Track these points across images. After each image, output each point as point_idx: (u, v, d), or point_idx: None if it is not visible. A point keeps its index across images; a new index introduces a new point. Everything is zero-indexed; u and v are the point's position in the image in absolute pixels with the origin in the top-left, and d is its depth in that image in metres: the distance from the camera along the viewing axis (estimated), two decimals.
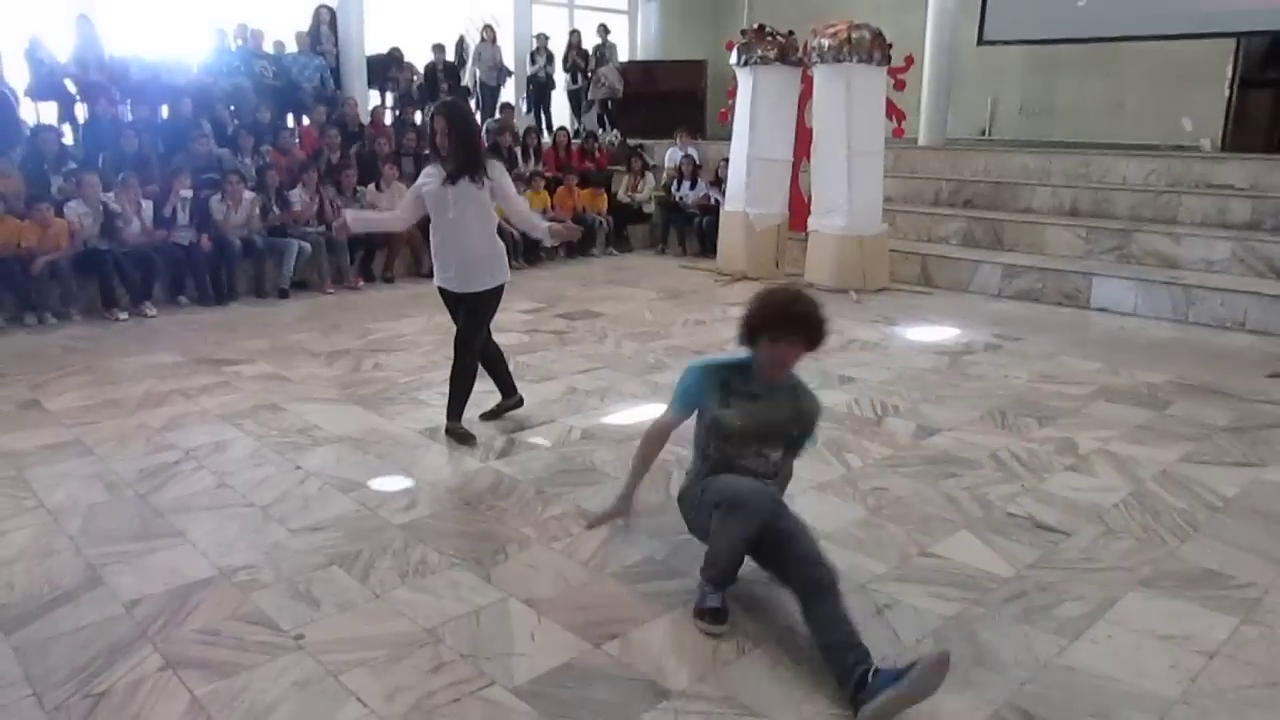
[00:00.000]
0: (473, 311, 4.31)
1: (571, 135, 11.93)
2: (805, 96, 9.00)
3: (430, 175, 4.22)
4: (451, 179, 4.11)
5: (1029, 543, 3.35)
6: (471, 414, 4.49)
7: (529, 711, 2.38)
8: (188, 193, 7.60)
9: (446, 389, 4.46)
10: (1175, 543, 3.35)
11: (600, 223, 10.39)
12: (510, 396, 4.68)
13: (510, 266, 4.50)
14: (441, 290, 4.40)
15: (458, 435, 4.34)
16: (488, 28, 12.41)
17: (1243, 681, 2.52)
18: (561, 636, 2.71)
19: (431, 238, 4.31)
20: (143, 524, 3.47)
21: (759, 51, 8.75)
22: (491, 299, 4.34)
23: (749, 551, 2.76)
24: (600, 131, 12.79)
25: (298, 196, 8.24)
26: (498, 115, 11.50)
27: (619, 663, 2.60)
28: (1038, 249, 8.61)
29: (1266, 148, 10.12)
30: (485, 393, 4.62)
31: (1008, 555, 3.25)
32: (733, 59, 9.00)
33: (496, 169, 4.25)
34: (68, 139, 8.42)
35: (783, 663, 2.60)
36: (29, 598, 2.92)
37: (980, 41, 11.21)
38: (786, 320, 2.76)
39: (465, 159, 4.10)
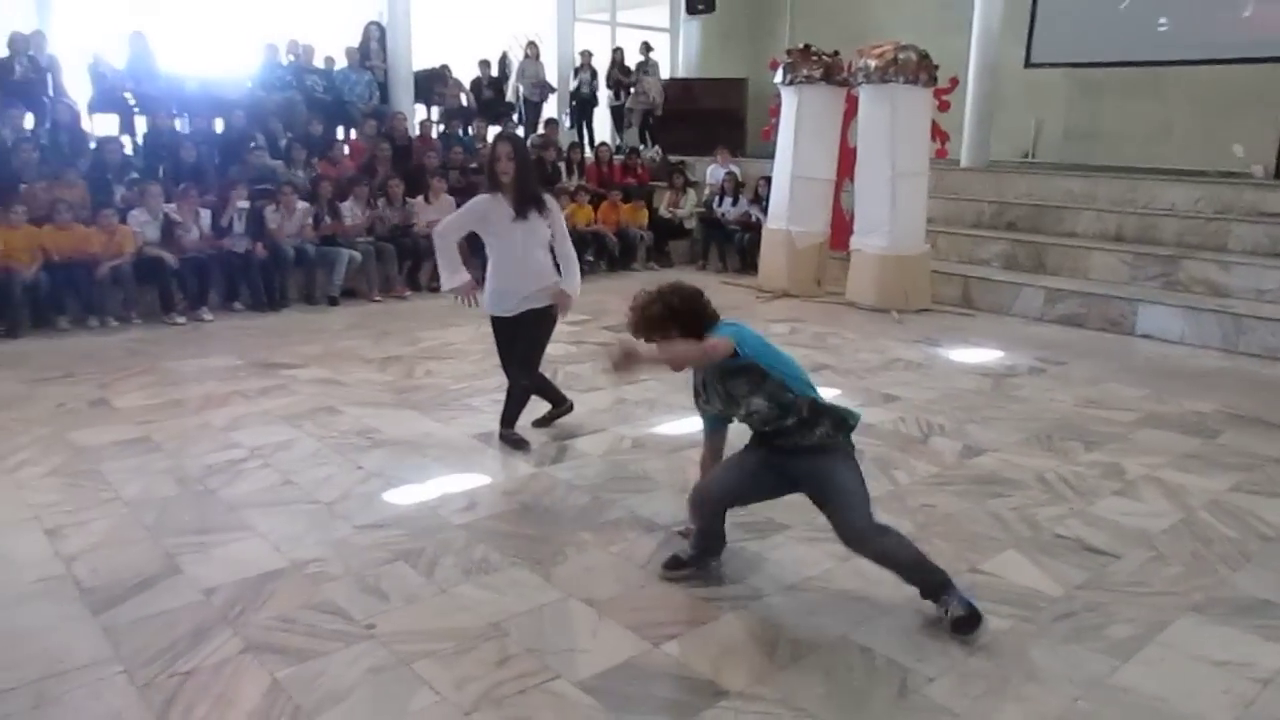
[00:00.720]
0: (533, 328, 4.39)
1: (613, 151, 12.09)
2: (848, 116, 9.07)
3: (486, 204, 4.28)
4: (520, 214, 4.22)
5: (1077, 564, 3.39)
6: (524, 421, 4.60)
7: (594, 705, 2.47)
8: (244, 203, 7.83)
9: (499, 397, 4.60)
10: (1227, 571, 3.37)
11: (641, 237, 10.52)
12: (561, 405, 4.78)
13: None
14: (496, 319, 4.45)
15: (512, 441, 4.45)
16: (532, 44, 12.61)
17: None
18: (621, 635, 2.80)
19: (492, 268, 4.36)
20: (214, 517, 3.61)
21: (804, 71, 8.84)
22: (548, 317, 4.43)
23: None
24: (642, 147, 12.94)
25: (349, 209, 8.44)
26: (541, 131, 11.69)
27: (677, 662, 2.68)
28: (1081, 273, 8.61)
29: None
30: (536, 400, 4.73)
31: (1056, 575, 3.29)
32: (777, 78, 9.11)
33: (555, 206, 4.39)
34: (127, 150, 8.68)
35: (837, 669, 2.67)
36: (114, 583, 3.06)
37: (1028, 64, 11.22)
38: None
39: (531, 192, 4.25)
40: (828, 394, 5.42)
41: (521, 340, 4.42)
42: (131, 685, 2.51)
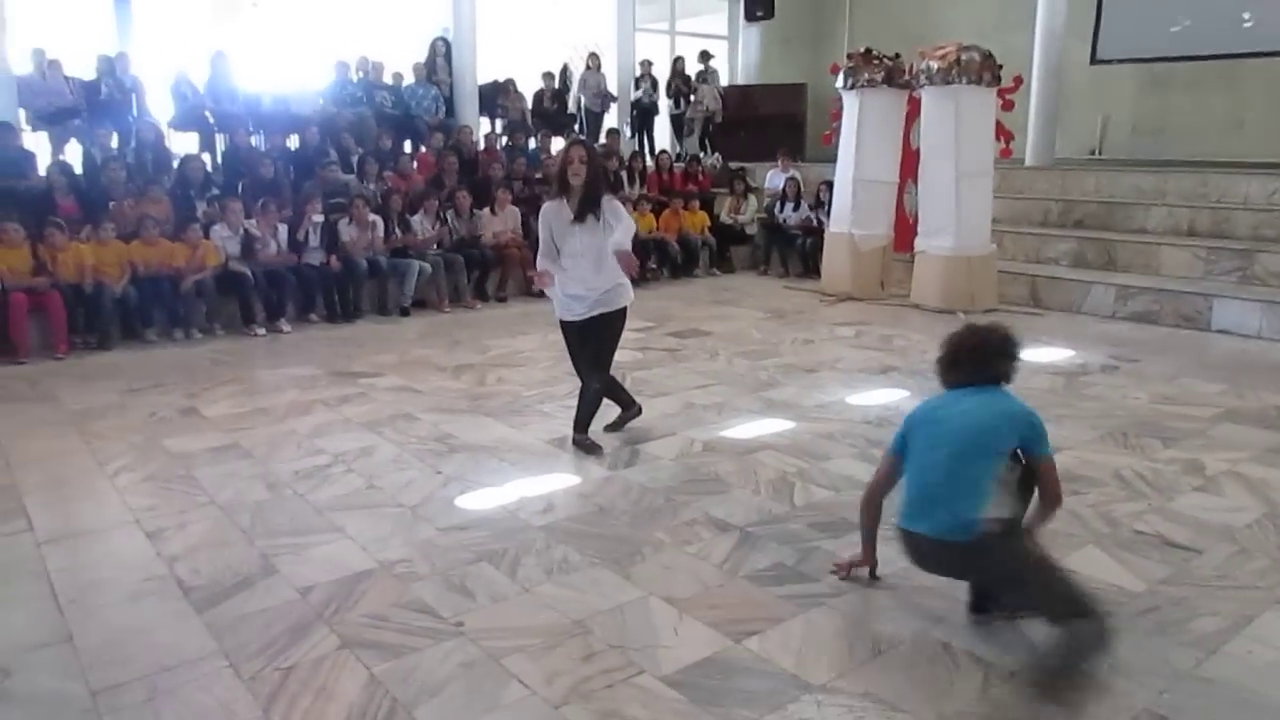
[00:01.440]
0: (604, 332, 4.49)
1: (674, 159, 12.18)
2: (910, 118, 9.03)
3: (551, 210, 4.43)
4: (579, 216, 4.32)
5: (1159, 559, 3.36)
6: (595, 426, 4.69)
7: (679, 699, 2.53)
8: (319, 217, 8.07)
9: (571, 403, 4.71)
10: None
11: (703, 244, 10.58)
12: (630, 408, 4.87)
13: None
14: (564, 324, 4.55)
15: (585, 446, 4.54)
16: (593, 55, 12.79)
17: None
18: (702, 632, 2.86)
19: (558, 273, 4.45)
20: (304, 520, 3.76)
21: (865, 75, 8.84)
22: (619, 320, 4.52)
23: None
24: (702, 155, 13.00)
25: (419, 222, 8.65)
26: (603, 140, 11.83)
27: (759, 658, 2.73)
28: (1153, 270, 8.44)
29: None
30: (605, 406, 4.81)
31: (1138, 571, 3.27)
32: (839, 82, 9.11)
33: (612, 201, 4.40)
34: (208, 167, 9.02)
35: (918, 664, 2.70)
36: (214, 582, 3.21)
37: (1094, 60, 11.04)
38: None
39: (595, 198, 4.32)
40: (897, 396, 5.47)
41: (592, 343, 4.51)
42: (238, 679, 2.64)
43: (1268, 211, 8.64)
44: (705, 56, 13.58)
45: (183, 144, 9.76)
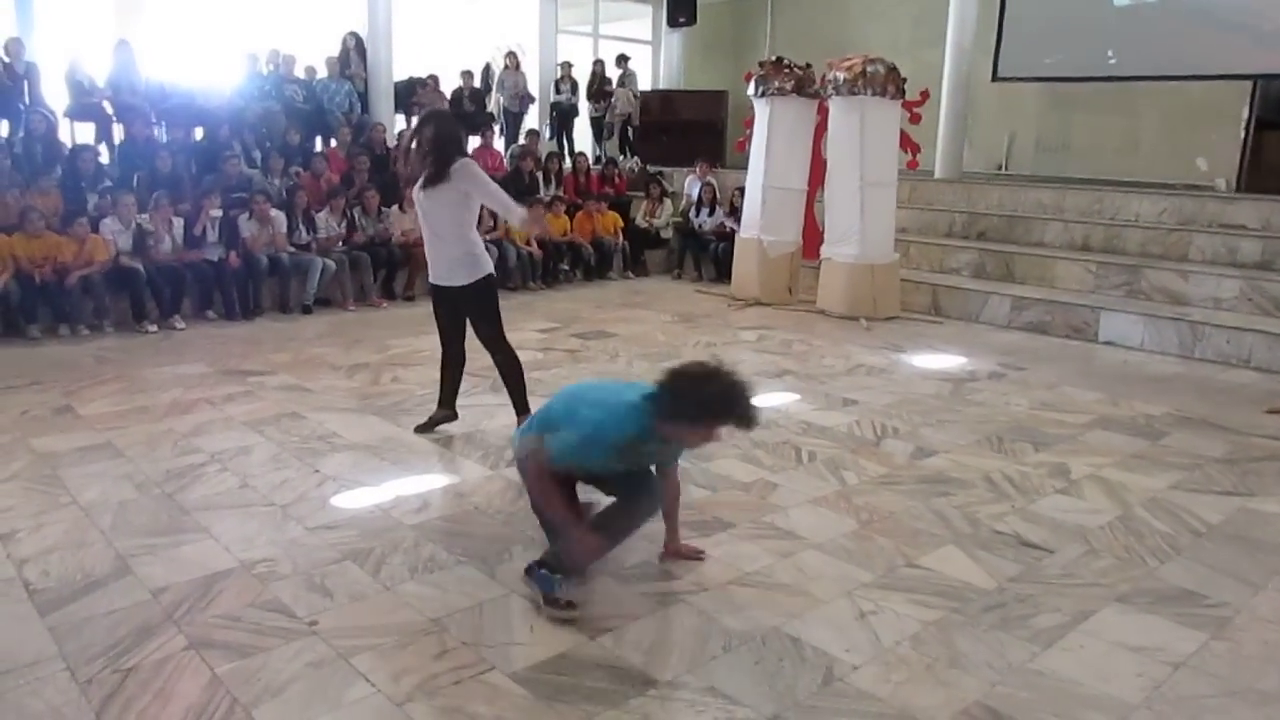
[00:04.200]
0: (472, 309, 4.56)
1: (591, 161, 12.20)
2: (821, 128, 9.19)
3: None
4: (427, 183, 4.36)
5: (1013, 558, 3.48)
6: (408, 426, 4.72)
7: (525, 695, 2.54)
8: (217, 212, 7.87)
9: (461, 403, 4.68)
10: (1155, 563, 3.47)
11: (617, 246, 10.61)
12: (447, 409, 4.85)
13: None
14: (433, 287, 4.66)
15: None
16: (511, 55, 12.76)
17: (1204, 691, 2.64)
18: (559, 629, 2.87)
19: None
20: (169, 520, 3.66)
21: (776, 83, 8.97)
22: (478, 293, 4.52)
23: None
24: (621, 158, 13.05)
25: (324, 220, 8.49)
26: (522, 141, 11.80)
27: (611, 654, 2.75)
28: (1048, 282, 8.73)
29: None
30: (464, 405, 4.80)
31: (991, 569, 3.38)
32: (750, 90, 9.23)
33: (459, 169, 4.31)
34: (103, 158, 8.74)
35: (766, 659, 2.75)
36: (63, 584, 3.11)
37: (994, 78, 11.38)
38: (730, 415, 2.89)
39: (437, 166, 4.33)
40: (788, 399, 5.56)
41: (472, 322, 4.62)
42: (73, 682, 2.56)
43: (1155, 229, 9.01)
44: (623, 60, 13.64)
45: (82, 135, 9.47)
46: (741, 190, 10.06)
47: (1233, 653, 2.85)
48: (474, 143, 10.57)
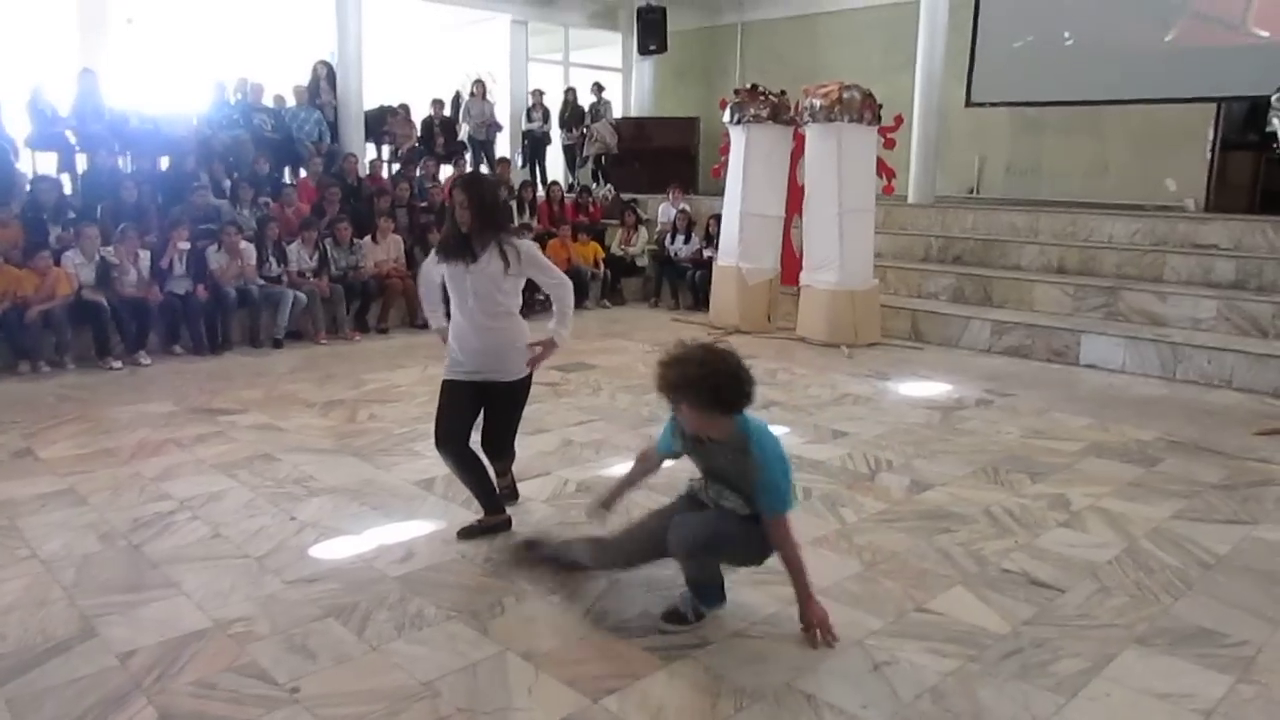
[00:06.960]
0: (513, 404, 3.87)
1: (565, 189, 12.10)
2: (797, 154, 9.15)
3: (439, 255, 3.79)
4: (473, 257, 3.65)
5: (1024, 599, 3.36)
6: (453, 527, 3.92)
7: None
8: (185, 245, 7.64)
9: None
10: (1169, 600, 3.37)
11: (594, 275, 10.49)
12: (498, 512, 3.91)
13: None
14: (466, 385, 3.76)
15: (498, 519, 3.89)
16: (478, 83, 12.64)
17: None
18: (560, 691, 2.70)
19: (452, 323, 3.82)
20: (137, 575, 3.45)
21: (752, 110, 8.93)
22: (527, 386, 3.88)
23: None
24: (594, 186, 12.97)
25: (295, 252, 8.29)
26: (494, 170, 11.67)
27: (616, 717, 2.59)
28: (1027, 305, 8.73)
29: (1248, 208, 10.32)
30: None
31: (1004, 611, 3.26)
32: (726, 117, 9.18)
33: (524, 247, 3.72)
34: (66, 189, 8.49)
35: (781, 717, 2.60)
36: (22, 648, 2.89)
37: (968, 103, 11.46)
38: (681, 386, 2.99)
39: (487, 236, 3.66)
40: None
41: (493, 416, 3.87)
42: None
43: (1130, 250, 9.05)
44: (598, 89, 13.60)
45: (44, 165, 9.21)
46: (718, 218, 10.00)
47: (1263, 697, 2.74)
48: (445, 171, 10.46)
